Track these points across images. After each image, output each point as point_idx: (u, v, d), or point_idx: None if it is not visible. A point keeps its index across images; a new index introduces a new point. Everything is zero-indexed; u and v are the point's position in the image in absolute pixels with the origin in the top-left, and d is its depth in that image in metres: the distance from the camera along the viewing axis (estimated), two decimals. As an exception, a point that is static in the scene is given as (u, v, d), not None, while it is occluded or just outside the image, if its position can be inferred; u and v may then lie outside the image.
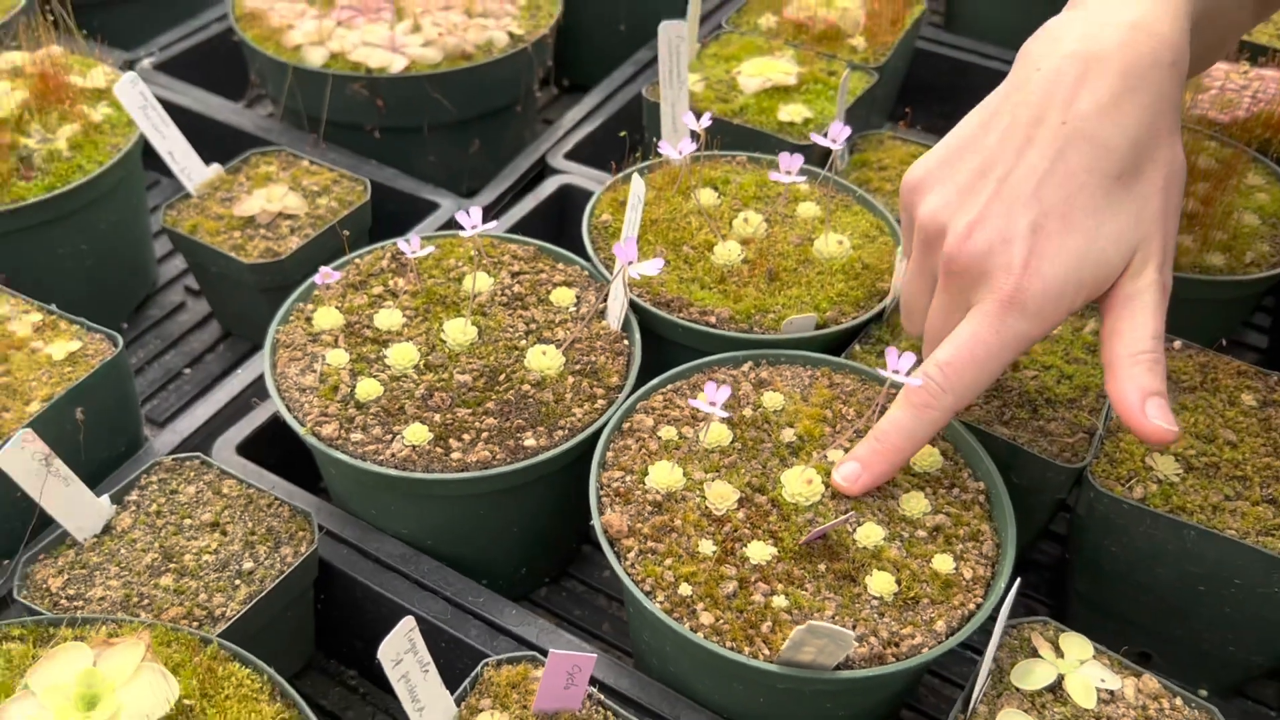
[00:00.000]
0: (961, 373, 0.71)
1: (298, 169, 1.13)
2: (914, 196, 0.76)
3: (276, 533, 0.81)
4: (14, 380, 0.85)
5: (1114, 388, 0.70)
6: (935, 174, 0.74)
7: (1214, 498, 0.79)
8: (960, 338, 0.71)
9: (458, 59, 1.20)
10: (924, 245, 0.75)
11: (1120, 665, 0.73)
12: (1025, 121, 0.71)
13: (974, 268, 0.70)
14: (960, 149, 0.74)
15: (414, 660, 0.65)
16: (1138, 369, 0.69)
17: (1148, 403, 0.68)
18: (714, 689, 0.74)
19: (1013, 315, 0.69)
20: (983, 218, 0.70)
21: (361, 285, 0.91)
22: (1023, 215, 0.69)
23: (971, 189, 0.72)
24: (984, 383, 0.71)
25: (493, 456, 0.79)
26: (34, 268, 1.03)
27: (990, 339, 0.70)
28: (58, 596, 0.76)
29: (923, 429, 0.73)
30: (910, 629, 0.70)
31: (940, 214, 0.73)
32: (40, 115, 1.04)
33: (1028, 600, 0.95)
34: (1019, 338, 0.70)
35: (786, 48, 1.23)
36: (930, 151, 0.76)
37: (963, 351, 0.70)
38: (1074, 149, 0.69)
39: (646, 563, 0.72)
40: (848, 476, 0.75)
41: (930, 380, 0.72)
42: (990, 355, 0.70)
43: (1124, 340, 0.70)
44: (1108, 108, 0.68)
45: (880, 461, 0.75)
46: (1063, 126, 0.69)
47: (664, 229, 0.96)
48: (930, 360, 0.72)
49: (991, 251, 0.69)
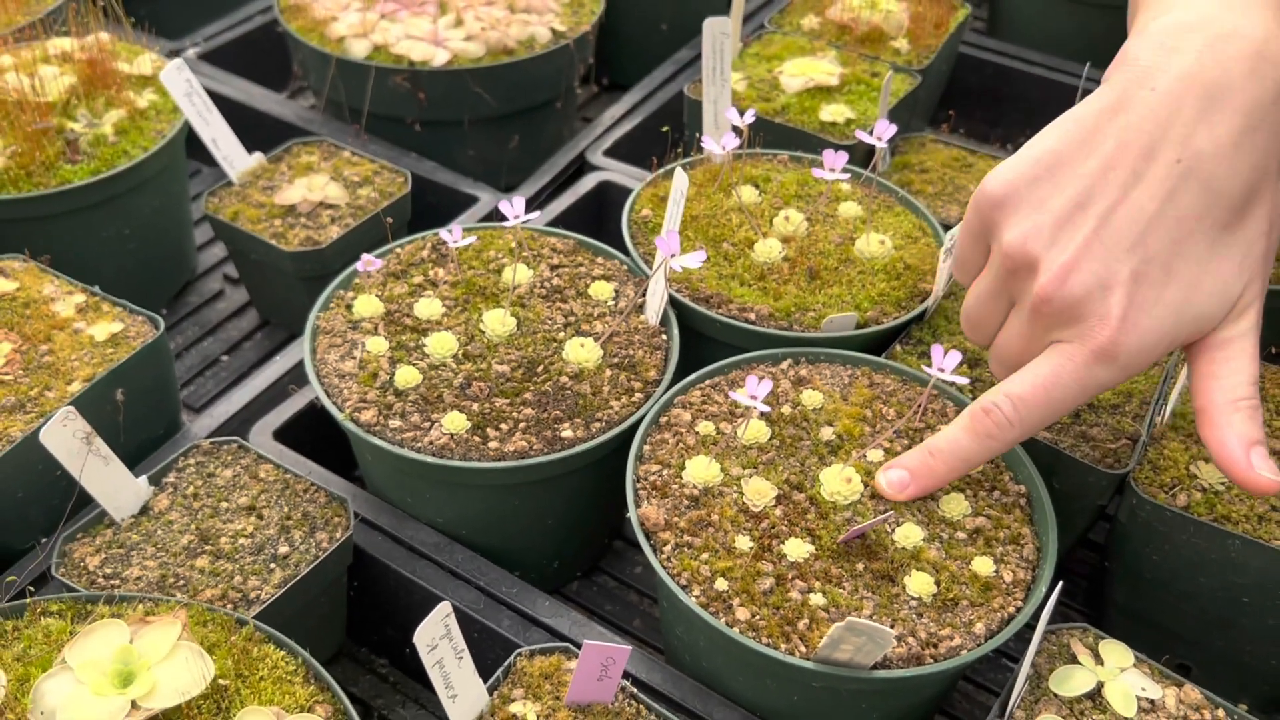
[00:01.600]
0: (1033, 410, 0.68)
1: (339, 159, 1.13)
2: (997, 214, 0.70)
3: (312, 518, 0.81)
4: (56, 359, 0.86)
5: (1213, 436, 0.66)
6: (1024, 194, 0.68)
7: (1259, 507, 0.77)
8: (1040, 375, 0.67)
9: (500, 54, 1.21)
10: (1007, 273, 0.70)
11: (1161, 675, 0.72)
12: (1135, 153, 0.65)
13: (1067, 311, 0.66)
14: (1053, 168, 0.68)
15: (449, 646, 0.64)
16: (1238, 416, 0.66)
17: (1252, 453, 0.65)
18: (747, 686, 0.73)
19: (1101, 365, 0.66)
20: (1080, 259, 0.65)
21: (402, 274, 0.92)
22: (1125, 262, 0.65)
23: (1069, 221, 0.66)
24: (1050, 421, 0.69)
25: (530, 447, 0.78)
26: (77, 250, 1.03)
27: (1070, 383, 0.67)
28: (95, 575, 0.76)
29: (980, 456, 0.71)
30: (949, 630, 0.69)
31: (1030, 245, 0.67)
32: (87, 100, 1.05)
33: (1065, 608, 0.94)
34: (1100, 386, 0.67)
35: (829, 48, 1.22)
36: (1014, 162, 0.70)
37: (1039, 390, 0.67)
38: (1186, 192, 0.64)
39: (683, 557, 0.72)
40: (894, 484, 0.74)
41: (999, 411, 0.69)
42: (1066, 399, 0.67)
43: (1221, 386, 0.67)
44: (1227, 150, 0.64)
45: (930, 477, 0.73)
46: (1177, 165, 0.64)
47: (704, 225, 0.95)
48: (1002, 391, 0.69)
49: (1089, 298, 0.65)
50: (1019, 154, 0.70)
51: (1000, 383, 0.69)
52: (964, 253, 0.75)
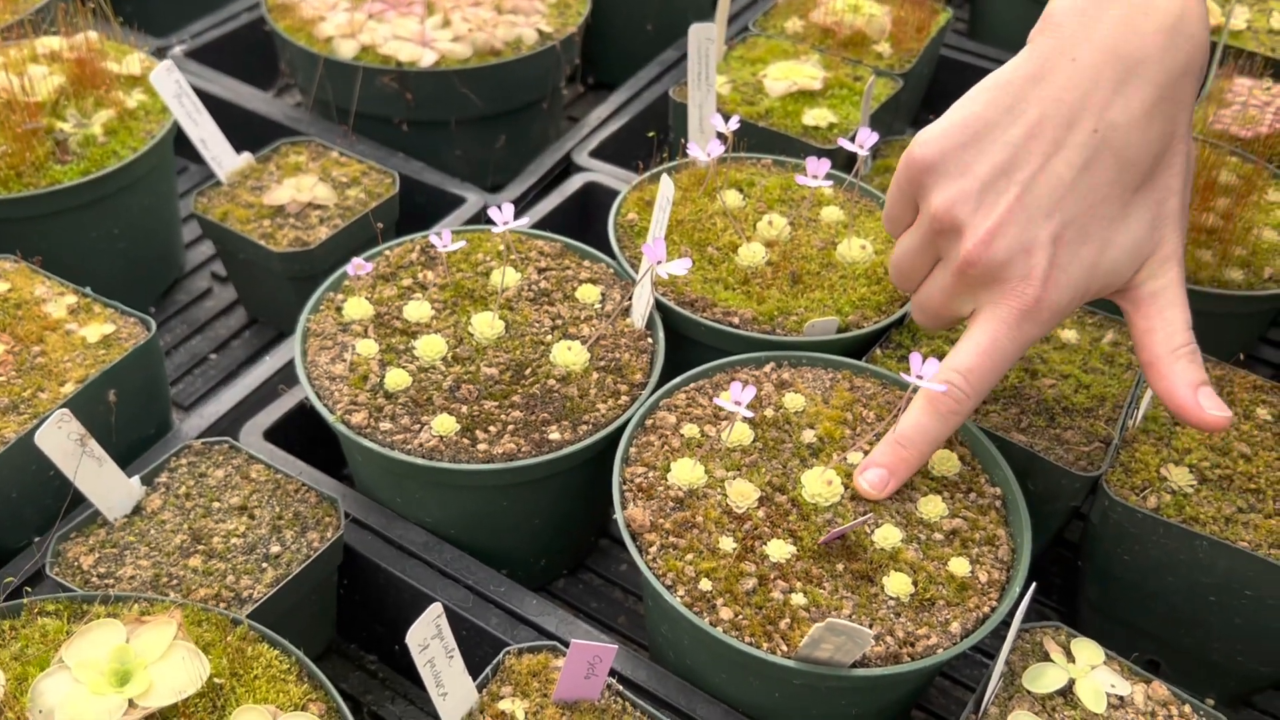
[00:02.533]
0: (983, 377, 0.73)
1: (327, 160, 1.14)
2: (925, 177, 0.73)
3: (303, 518, 0.82)
4: (49, 361, 0.87)
5: (1162, 385, 0.72)
6: (951, 158, 0.72)
7: (1227, 509, 0.80)
8: (980, 344, 0.73)
9: (487, 55, 1.22)
10: (934, 233, 0.74)
11: (1130, 672, 0.74)
12: (1055, 123, 0.69)
13: (992, 274, 0.71)
14: (979, 134, 0.71)
15: (440, 646, 0.66)
16: (1180, 363, 0.71)
17: (1199, 394, 0.71)
18: (730, 683, 0.75)
19: (1029, 322, 0.71)
20: (1003, 224, 0.70)
21: (391, 277, 0.93)
22: (1044, 226, 0.70)
23: (993, 187, 0.71)
24: (996, 382, 0.74)
25: (518, 449, 0.80)
26: (66, 251, 1.04)
27: (1006, 344, 0.72)
28: (89, 574, 0.77)
29: (946, 432, 0.75)
30: (926, 629, 0.71)
31: (957, 209, 0.72)
32: (76, 100, 1.06)
33: (1038, 606, 0.97)
34: (1031, 341, 0.73)
35: (812, 52, 1.24)
36: (942, 125, 0.73)
37: (983, 358, 0.73)
38: (1100, 161, 0.69)
39: (668, 557, 0.74)
40: (875, 483, 0.76)
41: (955, 388, 0.73)
42: (1007, 359, 0.73)
43: (1159, 338, 0.72)
44: (1139, 120, 0.68)
45: (906, 466, 0.76)
46: (1093, 135, 0.69)
47: (689, 229, 0.97)
48: (950, 368, 0.74)
49: (1012, 260, 0.70)
50: (946, 117, 0.73)
51: (945, 360, 0.74)
52: (893, 209, 0.79)
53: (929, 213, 0.74)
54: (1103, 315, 0.95)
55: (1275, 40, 1.30)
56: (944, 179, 0.73)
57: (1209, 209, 1.01)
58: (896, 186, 0.77)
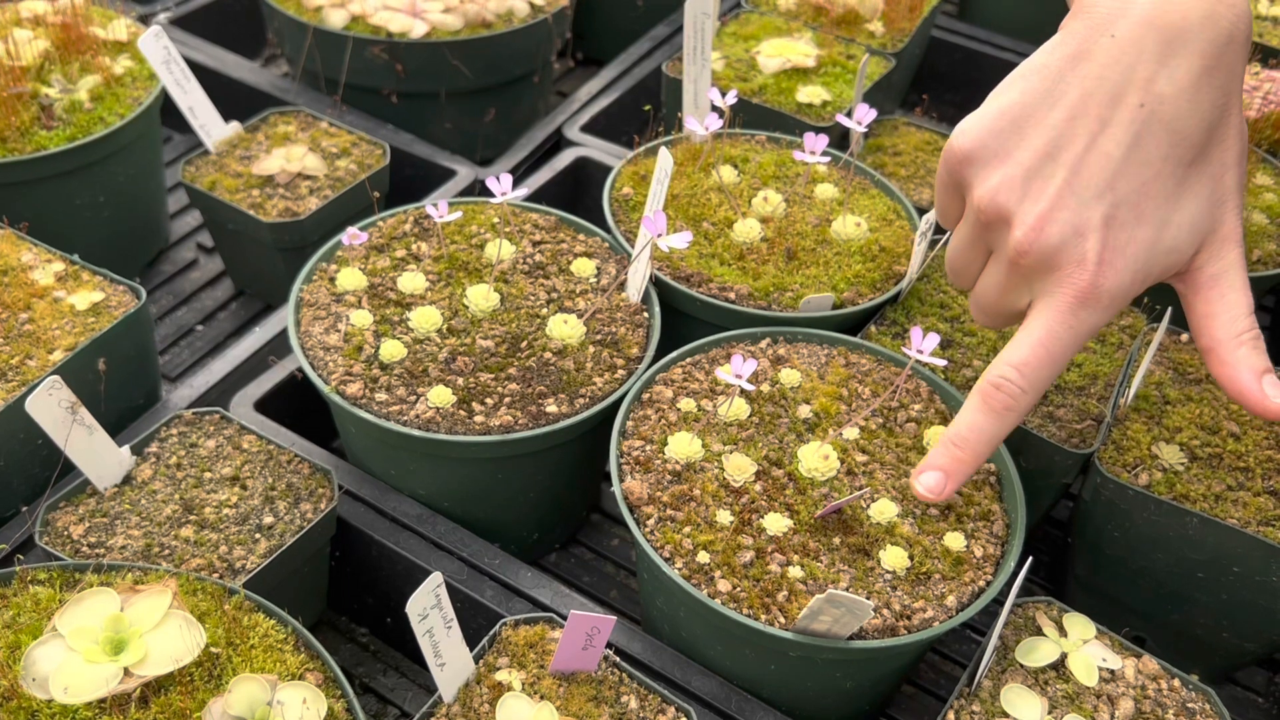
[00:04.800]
0: (1039, 371, 0.69)
1: (317, 130, 1.13)
2: (965, 170, 0.71)
3: (296, 489, 0.82)
4: (37, 328, 0.85)
5: (1224, 372, 0.69)
6: (992, 147, 0.69)
7: (1217, 487, 0.80)
8: (1034, 336, 0.69)
9: (478, 27, 1.21)
10: (982, 226, 0.71)
11: (1121, 646, 0.75)
12: (1099, 100, 0.66)
13: (1045, 261, 0.68)
14: (1019, 119, 0.69)
15: (439, 616, 0.66)
16: (1243, 350, 0.69)
17: (1264, 382, 0.68)
18: (725, 655, 0.75)
19: (1086, 309, 0.67)
20: (1053, 209, 0.67)
21: (384, 248, 0.92)
22: (1096, 208, 0.66)
23: (1039, 173, 0.68)
24: (1057, 376, 0.70)
25: (515, 421, 0.80)
26: (51, 218, 1.03)
27: (1064, 334, 0.68)
28: (79, 544, 0.77)
29: (1004, 430, 0.71)
30: (922, 603, 0.71)
31: (1003, 198, 0.69)
32: (62, 65, 1.04)
33: (1027, 582, 0.97)
34: (1091, 330, 0.69)
35: (805, 29, 1.24)
36: (980, 116, 0.70)
37: (1039, 350, 0.69)
38: (1150, 135, 0.66)
39: (665, 530, 0.74)
40: (933, 488, 0.72)
41: (1010, 384, 0.69)
42: (1065, 350, 0.69)
43: (1221, 322, 0.69)
44: (1187, 91, 0.65)
45: (962, 467, 0.72)
46: (1140, 109, 0.66)
47: (684, 204, 0.97)
48: (1004, 363, 0.70)
49: (1065, 245, 0.67)
50: (984, 107, 0.71)
51: (1000, 355, 0.70)
52: (941, 203, 0.76)
53: (974, 205, 0.71)
54: (1094, 295, 0.95)
55: (1262, 25, 1.31)
56: (986, 169, 0.70)
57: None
58: (940, 181, 0.75)
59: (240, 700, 0.63)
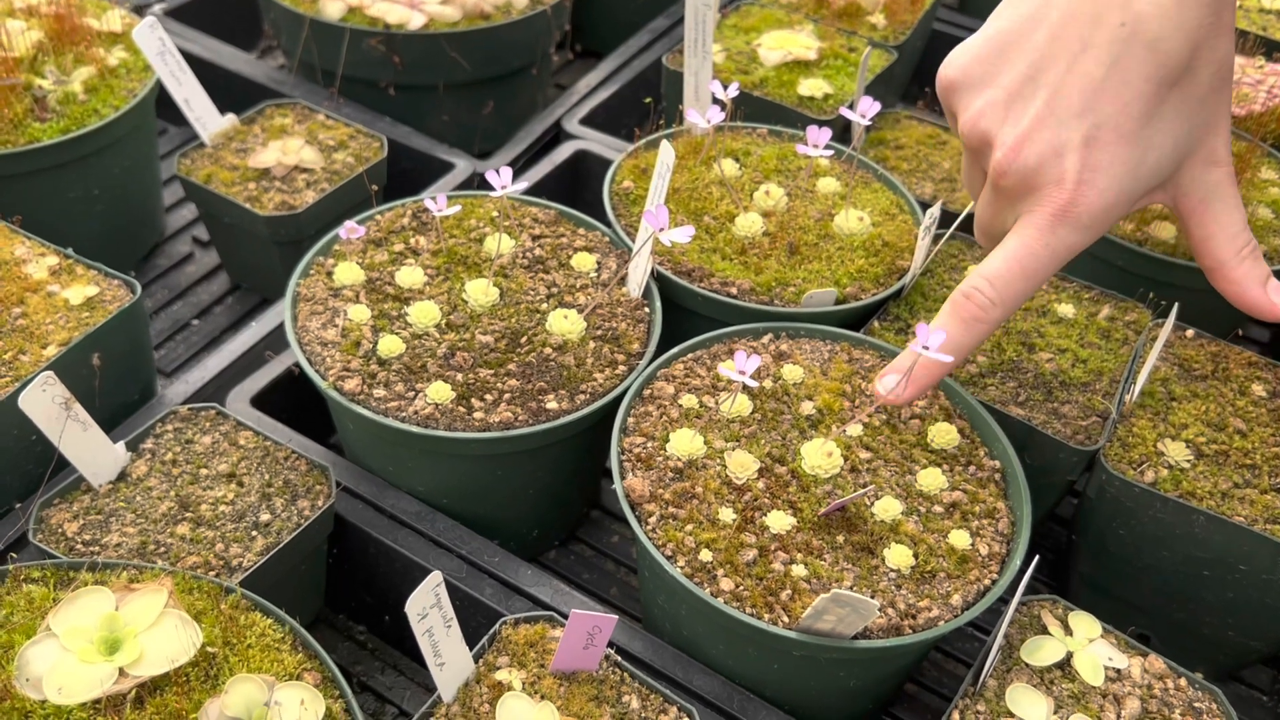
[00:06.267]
0: (1010, 284, 0.69)
1: (313, 123, 1.12)
2: (953, 97, 0.72)
3: (293, 485, 0.81)
4: (30, 323, 0.84)
5: (1231, 287, 0.71)
6: (975, 72, 0.70)
7: (1223, 485, 0.80)
8: (1009, 249, 0.69)
9: (476, 18, 1.19)
10: (971, 151, 0.72)
11: (1127, 645, 0.74)
12: (1081, 21, 0.66)
13: (1025, 182, 0.68)
14: (1004, 45, 0.69)
15: (439, 615, 0.65)
16: (1246, 264, 0.71)
17: (1269, 289, 0.71)
18: (728, 654, 0.74)
19: (1064, 227, 0.68)
20: (1033, 130, 0.67)
21: (382, 242, 0.91)
22: (1076, 127, 0.67)
23: (1019, 94, 0.68)
24: (1030, 294, 0.70)
25: (515, 418, 0.79)
26: (44, 211, 1.01)
27: (1040, 251, 0.68)
28: (73, 541, 0.76)
29: (971, 341, 0.71)
30: (927, 602, 0.71)
31: (984, 121, 0.70)
32: (55, 56, 1.03)
33: (1030, 580, 0.96)
34: (1070, 249, 0.69)
35: (806, 22, 1.23)
36: (966, 44, 0.71)
37: (1012, 264, 0.69)
38: (1131, 55, 0.66)
39: (668, 528, 0.73)
40: (891, 389, 0.73)
41: (979, 293, 0.70)
42: (1040, 266, 0.69)
43: (1219, 242, 0.71)
44: (1169, 9, 0.65)
45: (925, 375, 0.72)
46: (1121, 29, 0.65)
47: (685, 198, 0.96)
48: (977, 274, 0.70)
49: (1043, 165, 0.67)
50: (971, 38, 0.72)
51: (976, 267, 0.71)
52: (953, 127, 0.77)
53: (960, 131, 0.72)
54: (1099, 290, 0.95)
55: (1267, 19, 1.30)
56: (969, 94, 0.71)
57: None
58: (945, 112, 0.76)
59: (237, 701, 0.63)
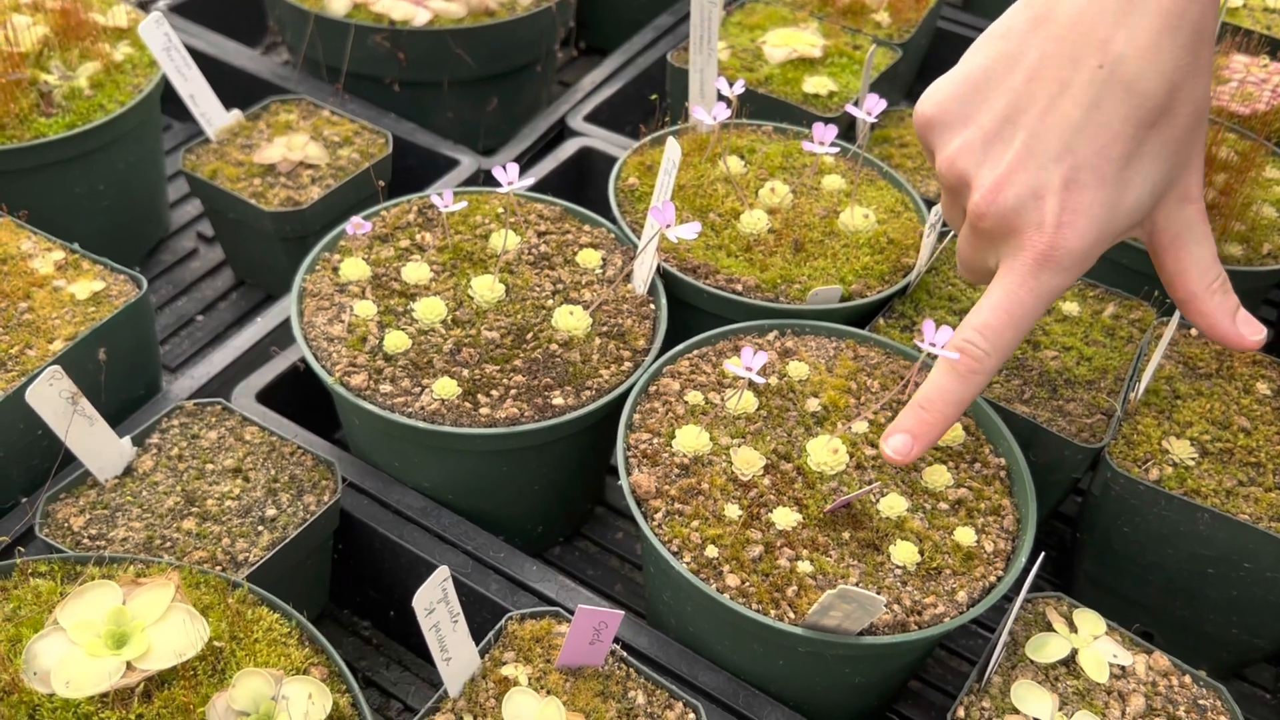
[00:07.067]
0: (1001, 334, 0.70)
1: (319, 119, 1.12)
2: (930, 135, 0.72)
3: (299, 481, 0.81)
4: (36, 318, 0.84)
5: (1203, 320, 0.74)
6: (954, 111, 0.70)
7: (1228, 483, 0.80)
8: (995, 300, 0.70)
9: (481, 15, 1.19)
10: (949, 190, 0.72)
11: (1131, 642, 0.75)
12: (1058, 62, 0.66)
13: (1004, 224, 0.68)
14: (980, 83, 0.69)
15: (445, 610, 0.65)
16: (1216, 297, 0.73)
17: (1238, 321, 0.73)
18: (733, 650, 0.75)
19: (1046, 272, 0.68)
20: (1011, 173, 0.67)
21: (388, 238, 0.91)
22: (1055, 170, 0.66)
23: (998, 136, 0.68)
24: (1021, 338, 0.71)
25: (521, 413, 0.79)
26: (49, 206, 1.01)
27: (1025, 298, 0.69)
28: (80, 536, 0.76)
29: (969, 393, 0.72)
30: (933, 598, 0.71)
31: (961, 162, 0.70)
32: (61, 52, 1.03)
33: (1035, 577, 0.97)
34: (1053, 292, 0.69)
35: (811, 19, 1.23)
36: (944, 81, 0.71)
37: (999, 314, 0.69)
38: (1110, 97, 0.66)
39: (674, 524, 0.73)
40: (899, 450, 0.73)
41: (973, 347, 0.70)
42: (1026, 313, 0.69)
43: (1193, 276, 0.73)
44: (1147, 51, 0.65)
45: (929, 431, 0.73)
46: (1099, 71, 0.65)
47: (690, 195, 0.96)
48: (967, 326, 0.71)
49: (1022, 208, 0.67)
50: (949, 73, 0.72)
51: (965, 319, 0.71)
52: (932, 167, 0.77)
53: (938, 170, 0.72)
54: (1104, 289, 0.95)
55: (1271, 18, 1.30)
56: (947, 133, 0.71)
57: (1208, 184, 1.01)
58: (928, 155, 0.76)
59: (244, 695, 0.63)
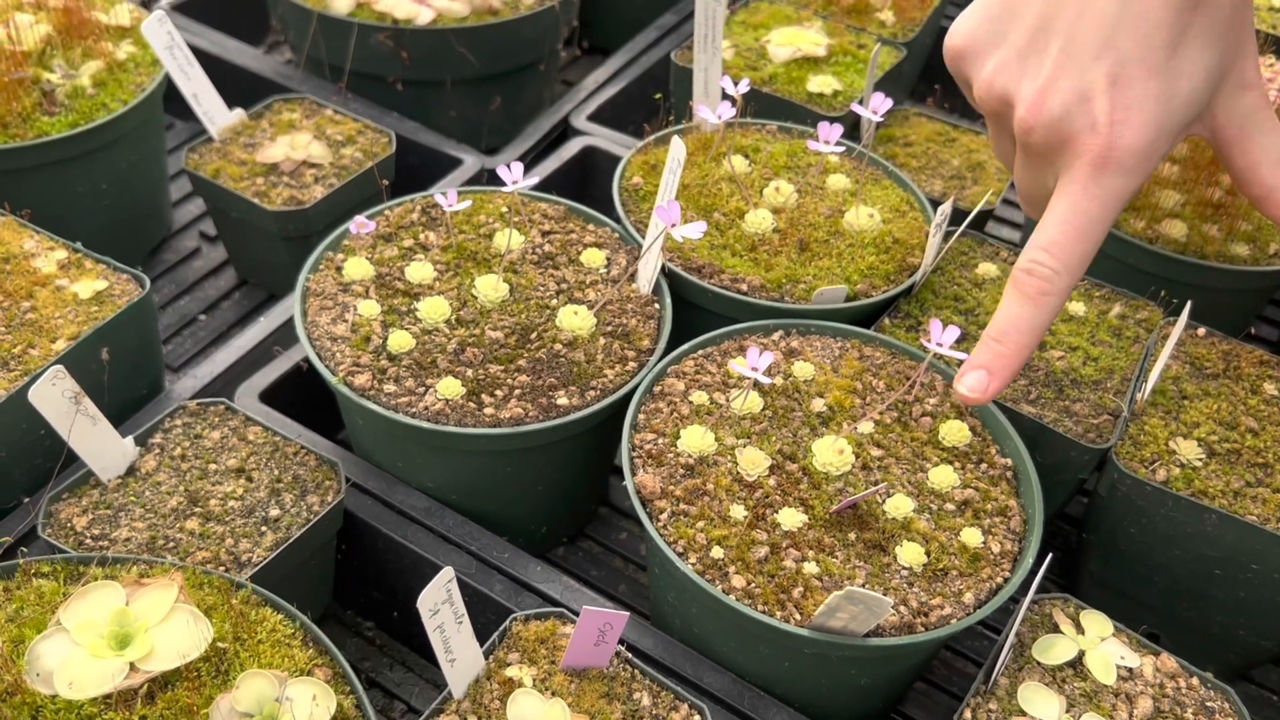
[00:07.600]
0: (1069, 248, 0.66)
1: (321, 118, 1.11)
2: (963, 64, 0.69)
3: (303, 481, 0.80)
4: (39, 317, 0.84)
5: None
6: (983, 37, 0.68)
7: (1235, 483, 0.79)
8: (1059, 213, 0.66)
9: (484, 14, 1.19)
10: (994, 116, 0.69)
11: (1138, 644, 0.74)
12: None
13: (1054, 134, 0.65)
14: (1007, 4, 0.67)
15: (450, 611, 0.65)
16: None
17: None
18: (738, 651, 0.74)
19: (1108, 175, 0.64)
20: (1053, 80, 0.64)
21: (392, 237, 0.91)
22: (1097, 68, 0.63)
23: (1033, 47, 0.65)
24: (1093, 253, 0.67)
25: (525, 413, 0.78)
26: (52, 205, 1.01)
27: (1090, 206, 0.65)
28: (83, 536, 0.75)
29: (1044, 318, 0.68)
30: (939, 600, 0.70)
31: (1000, 82, 0.66)
32: (64, 50, 1.03)
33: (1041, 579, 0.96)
34: (1119, 197, 0.65)
35: (815, 18, 1.22)
36: (969, 10, 0.69)
37: (1065, 227, 0.66)
38: None
39: (679, 525, 0.73)
40: (975, 387, 0.69)
41: (1041, 266, 0.66)
42: (1094, 222, 0.66)
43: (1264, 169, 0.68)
44: None
45: (1007, 365, 0.69)
46: None
47: (695, 194, 0.95)
48: (1033, 245, 0.67)
49: (1069, 114, 0.64)
50: (973, 4, 0.69)
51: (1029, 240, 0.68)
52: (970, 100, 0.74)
53: (977, 97, 0.69)
54: (1110, 289, 0.94)
55: (1277, 17, 1.30)
56: (980, 58, 0.68)
57: (1215, 184, 1.00)
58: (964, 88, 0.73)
59: (248, 696, 0.62)
